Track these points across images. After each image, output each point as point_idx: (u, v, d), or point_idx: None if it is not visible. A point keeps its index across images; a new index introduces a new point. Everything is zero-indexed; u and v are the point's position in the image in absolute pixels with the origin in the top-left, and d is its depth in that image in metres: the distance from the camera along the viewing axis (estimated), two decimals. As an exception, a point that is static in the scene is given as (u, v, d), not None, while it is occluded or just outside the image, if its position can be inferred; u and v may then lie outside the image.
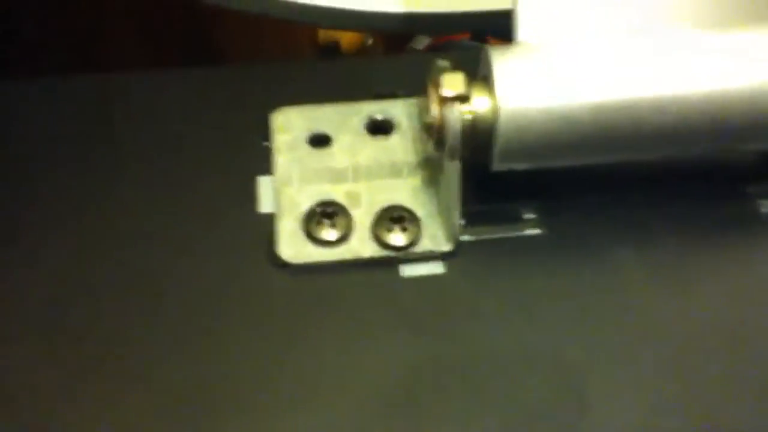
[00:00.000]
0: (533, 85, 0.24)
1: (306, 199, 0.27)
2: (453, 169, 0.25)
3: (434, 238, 0.27)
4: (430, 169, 0.28)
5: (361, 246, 0.27)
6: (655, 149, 0.25)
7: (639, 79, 0.24)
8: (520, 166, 0.25)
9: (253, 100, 0.30)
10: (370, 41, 0.51)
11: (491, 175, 0.25)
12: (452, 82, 0.24)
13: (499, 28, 0.27)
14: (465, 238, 0.27)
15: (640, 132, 0.24)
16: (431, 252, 0.27)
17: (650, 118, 0.24)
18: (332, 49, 0.51)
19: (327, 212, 0.27)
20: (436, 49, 0.50)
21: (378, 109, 0.29)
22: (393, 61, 0.38)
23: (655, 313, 0.26)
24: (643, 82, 0.24)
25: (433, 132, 0.25)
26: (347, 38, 0.51)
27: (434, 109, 0.25)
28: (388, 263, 0.27)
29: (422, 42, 0.50)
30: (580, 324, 0.26)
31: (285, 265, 0.26)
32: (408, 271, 0.27)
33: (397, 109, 0.29)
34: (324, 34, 0.52)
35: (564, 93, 0.24)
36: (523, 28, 0.25)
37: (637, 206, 0.28)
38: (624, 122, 0.24)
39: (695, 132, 0.25)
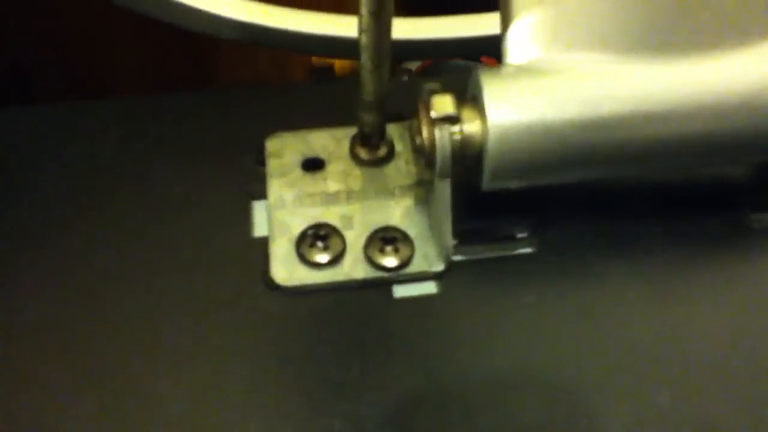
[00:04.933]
0: (522, 104, 0.24)
1: (299, 222, 0.28)
2: (444, 190, 0.25)
3: (427, 258, 0.27)
4: (422, 190, 0.28)
5: (354, 268, 0.27)
6: (644, 164, 0.25)
7: (627, 96, 0.24)
8: (512, 184, 0.25)
9: (249, 124, 0.30)
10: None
11: (483, 195, 0.26)
12: (441, 104, 0.24)
13: (490, 50, 0.27)
14: (458, 257, 0.27)
15: (630, 148, 0.24)
16: (424, 272, 0.27)
17: (639, 134, 0.24)
18: (326, 72, 0.52)
19: (319, 235, 0.27)
20: (428, 69, 0.50)
21: None
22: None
23: (650, 329, 0.26)
24: (631, 98, 0.24)
25: (424, 153, 0.25)
26: (341, 61, 0.51)
27: (424, 131, 0.25)
28: (380, 284, 0.27)
29: (414, 62, 0.51)
30: (574, 342, 0.26)
31: (277, 288, 0.27)
32: (401, 291, 0.27)
33: (389, 132, 0.29)
34: (318, 57, 0.52)
35: (553, 111, 0.24)
36: (512, 50, 0.25)
37: (629, 222, 0.28)
38: (613, 139, 0.24)
39: (684, 147, 0.25)
